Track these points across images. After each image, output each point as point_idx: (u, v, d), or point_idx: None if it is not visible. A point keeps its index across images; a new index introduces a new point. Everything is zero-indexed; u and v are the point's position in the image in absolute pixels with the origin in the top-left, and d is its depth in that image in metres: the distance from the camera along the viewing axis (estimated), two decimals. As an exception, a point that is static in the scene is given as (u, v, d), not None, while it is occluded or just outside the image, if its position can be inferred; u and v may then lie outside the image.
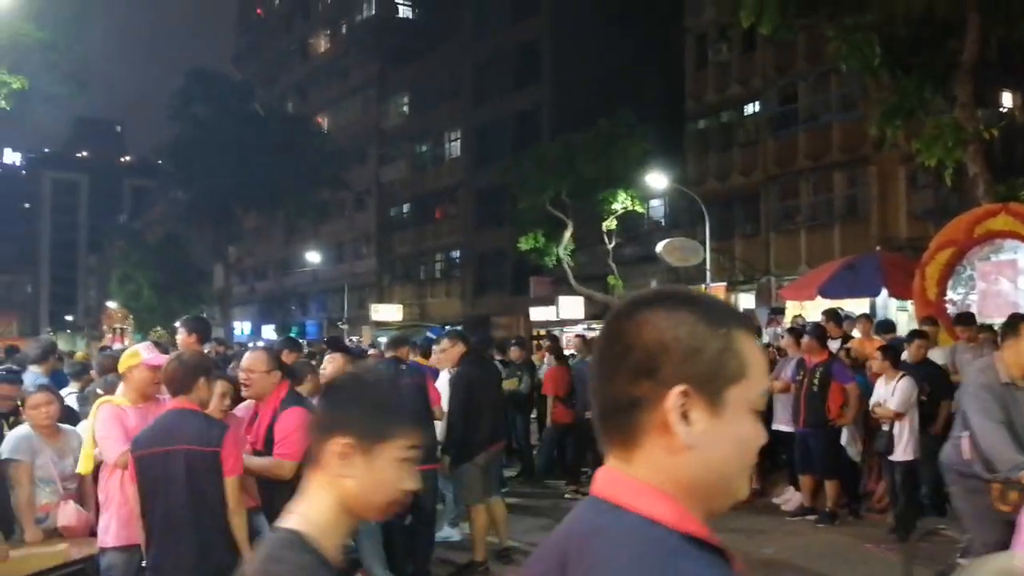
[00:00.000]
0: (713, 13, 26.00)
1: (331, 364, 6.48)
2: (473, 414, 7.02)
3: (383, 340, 15.41)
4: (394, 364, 7.08)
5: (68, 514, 5.05)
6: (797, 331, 9.61)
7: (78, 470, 4.99)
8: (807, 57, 23.70)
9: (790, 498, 9.01)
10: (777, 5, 11.19)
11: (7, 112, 21.14)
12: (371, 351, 10.90)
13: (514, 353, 12.08)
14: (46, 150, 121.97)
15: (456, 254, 40.94)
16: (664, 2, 28.80)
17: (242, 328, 50.59)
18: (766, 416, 9.36)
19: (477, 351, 7.72)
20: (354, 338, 28.10)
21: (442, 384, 7.99)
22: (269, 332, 47.22)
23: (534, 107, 34.86)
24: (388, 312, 40.36)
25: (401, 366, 7.10)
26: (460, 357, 7.39)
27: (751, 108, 27.06)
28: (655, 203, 28.51)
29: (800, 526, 8.35)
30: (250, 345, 19.69)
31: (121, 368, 4.78)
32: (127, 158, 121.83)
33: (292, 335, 29.31)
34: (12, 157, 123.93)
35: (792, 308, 16.62)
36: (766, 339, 13.31)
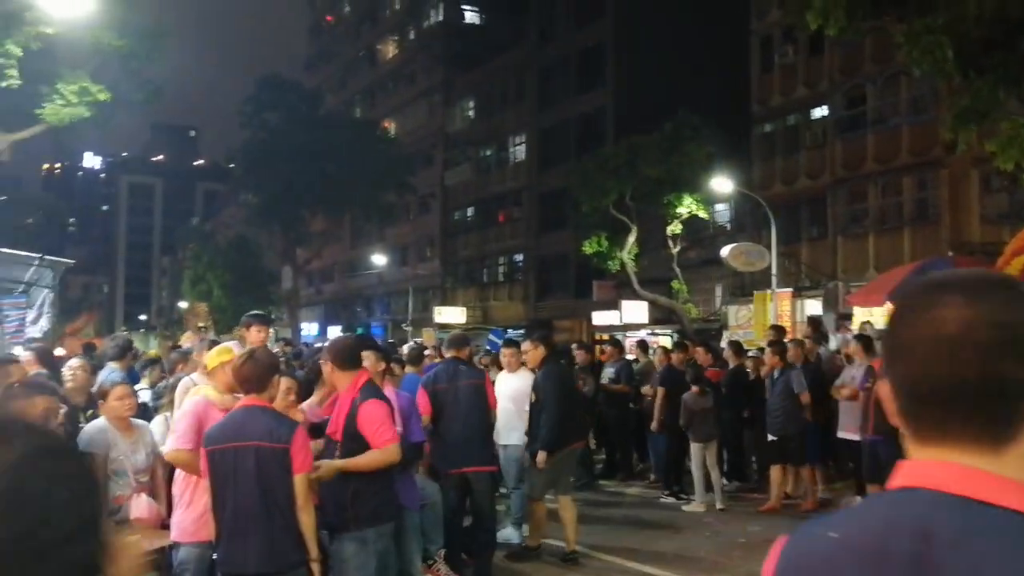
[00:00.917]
0: (779, 15, 25.63)
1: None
2: (565, 409, 7.19)
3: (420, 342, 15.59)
4: (454, 364, 7.14)
5: (140, 506, 5.15)
6: (866, 337, 9.45)
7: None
8: (875, 59, 23.23)
9: (857, 507, 8.84)
10: (845, 7, 11.01)
11: (89, 119, 21.97)
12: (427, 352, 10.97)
13: (579, 356, 12.19)
14: (124, 154, 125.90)
15: (519, 257, 41.06)
16: (729, 5, 28.52)
17: (309, 329, 51.51)
18: (831, 424, 9.32)
19: (557, 354, 7.88)
20: (416, 340, 28.35)
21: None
22: (335, 333, 47.96)
23: (598, 110, 34.84)
24: (451, 314, 40.66)
25: (460, 366, 7.16)
26: (542, 360, 7.51)
27: (818, 111, 26.63)
28: (720, 207, 28.20)
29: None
30: (316, 345, 20.07)
31: (211, 364, 4.96)
32: (200, 162, 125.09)
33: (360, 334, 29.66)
34: (92, 161, 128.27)
35: (860, 314, 16.30)
36: (834, 345, 13.06)
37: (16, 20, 18.60)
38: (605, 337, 24.90)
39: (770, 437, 9.51)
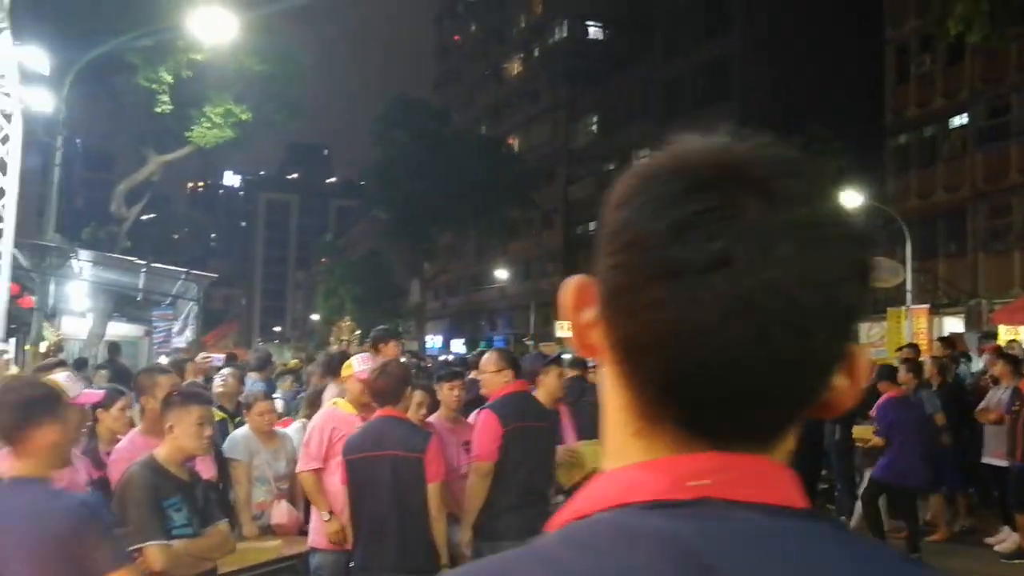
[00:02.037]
0: (916, 23, 24.64)
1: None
2: None
3: (567, 357, 15.53)
4: (579, 383, 7.22)
5: (281, 512, 5.33)
6: (1013, 357, 8.98)
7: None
8: (1021, 66, 22.00)
9: (1005, 538, 8.40)
10: (988, 13, 10.57)
11: (232, 139, 23.27)
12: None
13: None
14: (262, 173, 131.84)
15: (641, 272, 40.77)
16: (861, 14, 27.66)
17: (433, 341, 52.59)
18: (975, 449, 8.86)
19: None
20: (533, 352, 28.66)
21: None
22: (458, 346, 48.80)
23: (723, 123, 34.28)
24: (573, 329, 40.66)
25: (584, 384, 7.22)
26: None
27: (957, 121, 25.45)
28: (852, 221, 27.26)
29: (1016, 570, 7.80)
30: (440, 358, 20.55)
31: (343, 375, 5.25)
32: (333, 180, 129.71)
33: (482, 348, 30.11)
34: (232, 180, 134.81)
35: (1005, 332, 15.45)
36: (980, 365, 12.34)
37: (170, 49, 19.83)
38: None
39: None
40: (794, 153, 0.65)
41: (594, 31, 49.46)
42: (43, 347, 13.80)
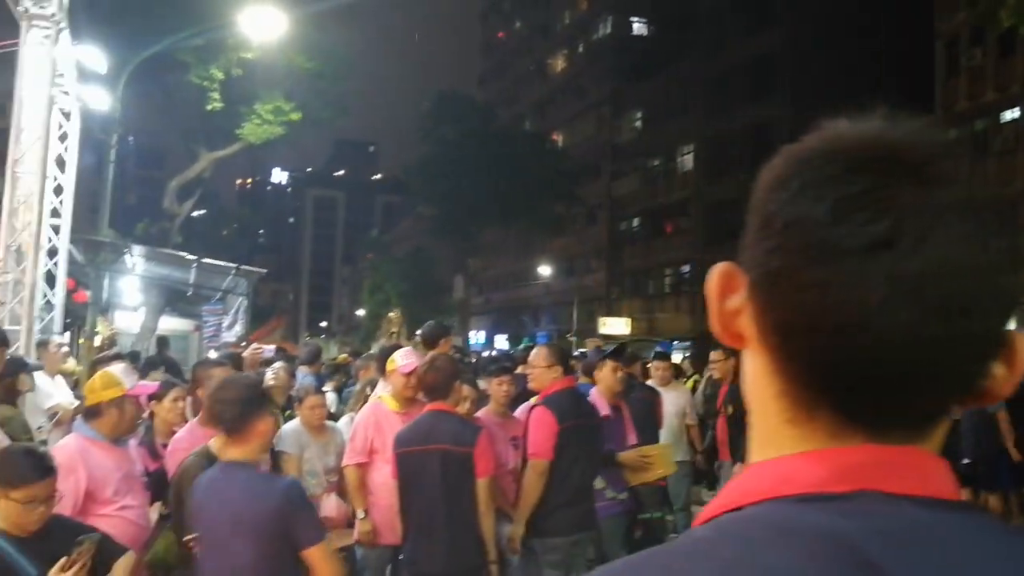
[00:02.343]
0: (967, 16, 24.10)
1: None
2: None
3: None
4: (626, 380, 7.18)
5: (330, 505, 5.38)
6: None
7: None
8: (1077, 59, 21.46)
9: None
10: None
11: (281, 136, 23.56)
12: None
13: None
14: (309, 169, 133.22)
15: (686, 269, 40.46)
16: (909, 8, 27.14)
17: (477, 337, 52.76)
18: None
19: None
20: (583, 350, 28.61)
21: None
22: (501, 342, 48.92)
23: (769, 119, 33.89)
24: (616, 326, 40.54)
25: (633, 380, 7.17)
26: (735, 371, 7.46)
27: (1009, 115, 24.90)
28: (903, 217, 26.83)
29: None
30: (484, 354, 20.62)
31: (388, 369, 5.30)
32: (379, 176, 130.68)
33: (526, 344, 30.18)
34: (280, 176, 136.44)
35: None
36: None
37: (221, 47, 20.13)
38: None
39: (964, 460, 8.94)
40: (948, 136, 0.64)
41: (638, 27, 49.18)
42: (97, 341, 14.12)
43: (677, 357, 11.53)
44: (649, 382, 7.90)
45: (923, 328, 0.58)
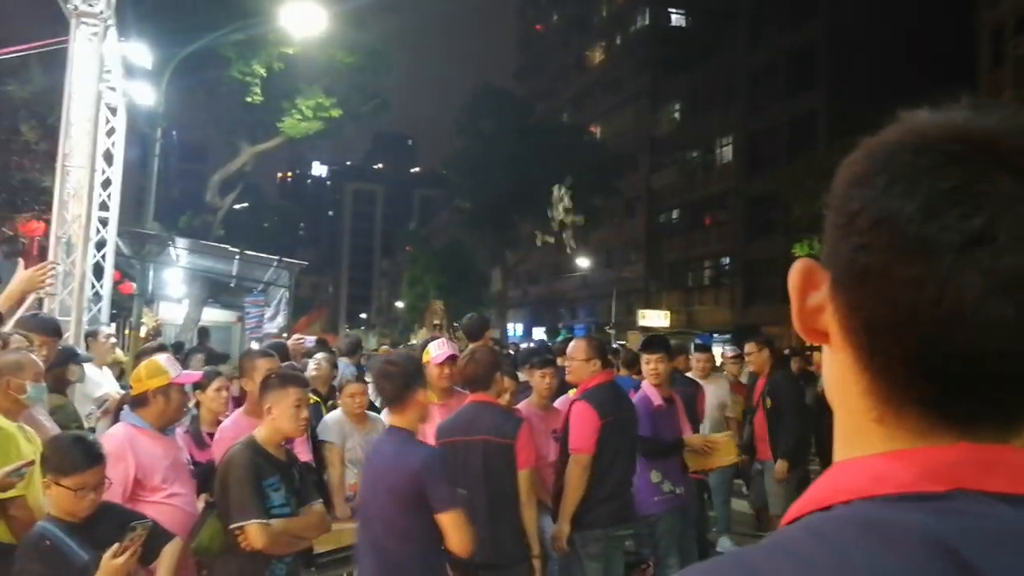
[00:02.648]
0: (1013, 3, 23.58)
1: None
2: (801, 417, 6.90)
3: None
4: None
5: None
6: None
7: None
8: None
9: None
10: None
11: (321, 131, 23.75)
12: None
13: (794, 364, 11.85)
14: (348, 163, 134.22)
15: (725, 261, 40.16)
16: (953, -4, 26.68)
17: (514, 329, 52.82)
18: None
19: (784, 359, 7.57)
20: (621, 343, 28.53)
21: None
22: (539, 334, 48.93)
23: (809, 112, 33.51)
24: (655, 318, 40.38)
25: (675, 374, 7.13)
26: (771, 364, 7.35)
27: (1059, 105, 24.32)
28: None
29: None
30: (522, 346, 20.61)
31: (423, 361, 5.34)
32: (417, 169, 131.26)
33: (564, 337, 30.15)
34: (320, 170, 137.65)
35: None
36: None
37: (262, 42, 20.34)
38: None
39: None
40: None
41: (677, 18, 48.80)
42: (142, 332, 14.38)
43: (717, 350, 11.44)
44: (689, 374, 7.87)
45: (1021, 324, 0.56)
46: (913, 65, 27.52)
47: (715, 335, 32.59)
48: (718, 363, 9.30)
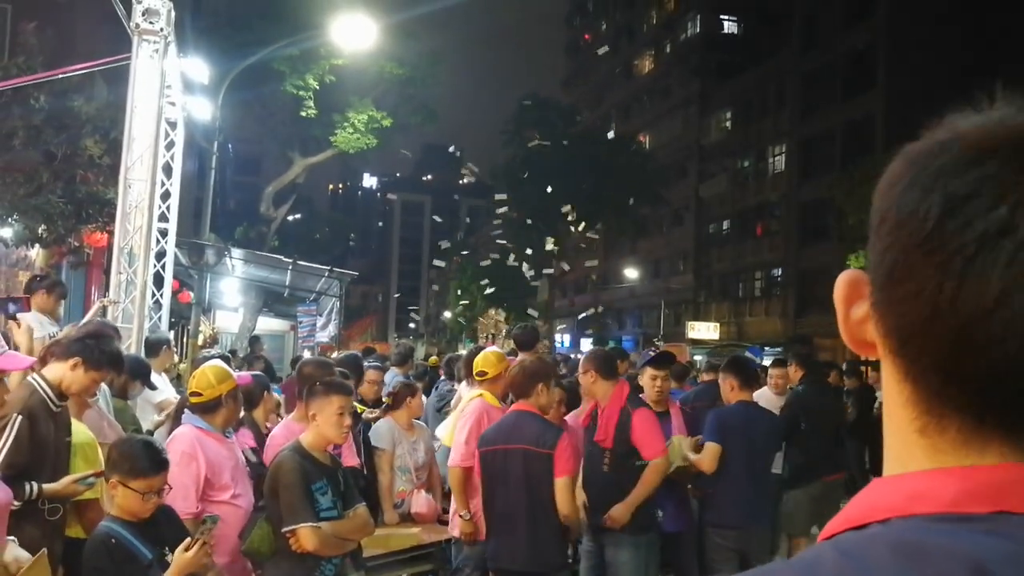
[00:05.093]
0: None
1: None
2: (804, 439, 6.67)
3: (699, 359, 15.34)
4: (713, 387, 7.10)
5: (420, 502, 5.57)
6: None
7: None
8: None
9: None
10: None
11: (374, 146, 24.09)
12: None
13: (847, 381, 11.71)
14: (397, 175, 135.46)
15: (777, 271, 39.62)
16: (1017, -5, 25.98)
17: (562, 339, 52.72)
18: None
19: (817, 375, 7.42)
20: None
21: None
22: (586, 345, 48.78)
23: (866, 116, 32.88)
24: (704, 330, 40.01)
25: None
26: (801, 379, 7.24)
27: None
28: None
29: None
30: (571, 356, 20.61)
31: (475, 370, 5.44)
32: (464, 180, 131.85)
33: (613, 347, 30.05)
34: (370, 182, 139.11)
35: None
36: None
37: (314, 56, 20.73)
38: (872, 358, 23.30)
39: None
40: None
41: (728, 24, 48.40)
42: (200, 340, 14.72)
43: (767, 363, 11.26)
44: (764, 389, 7.42)
45: None
46: (978, 64, 26.91)
47: (766, 348, 32.19)
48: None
